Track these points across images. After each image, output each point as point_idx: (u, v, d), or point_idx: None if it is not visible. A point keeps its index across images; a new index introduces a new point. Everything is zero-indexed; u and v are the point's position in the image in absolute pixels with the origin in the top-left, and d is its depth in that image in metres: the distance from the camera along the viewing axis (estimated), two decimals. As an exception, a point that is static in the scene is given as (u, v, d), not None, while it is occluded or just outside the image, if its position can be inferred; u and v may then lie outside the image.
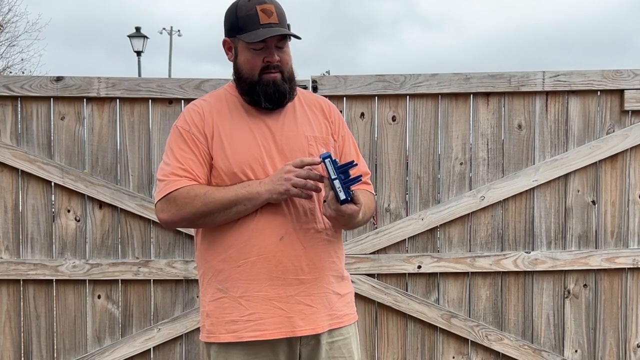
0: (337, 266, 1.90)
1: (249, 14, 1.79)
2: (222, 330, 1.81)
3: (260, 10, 1.78)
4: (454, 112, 2.97)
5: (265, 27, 1.77)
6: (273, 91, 1.82)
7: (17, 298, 2.93)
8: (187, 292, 2.95)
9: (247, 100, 1.86)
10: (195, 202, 1.76)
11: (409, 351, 2.98)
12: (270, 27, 1.78)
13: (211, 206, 1.75)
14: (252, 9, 1.79)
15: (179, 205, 1.77)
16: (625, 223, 2.99)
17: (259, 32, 1.77)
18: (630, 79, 2.94)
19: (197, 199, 1.76)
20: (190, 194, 1.77)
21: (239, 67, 1.85)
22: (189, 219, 1.80)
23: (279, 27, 1.79)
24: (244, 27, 1.79)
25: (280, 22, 1.80)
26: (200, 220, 1.80)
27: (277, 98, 1.83)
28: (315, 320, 1.82)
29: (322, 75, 2.98)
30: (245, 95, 1.86)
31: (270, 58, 1.80)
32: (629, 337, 3.01)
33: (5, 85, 2.87)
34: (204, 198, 1.75)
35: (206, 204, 1.75)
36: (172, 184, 1.78)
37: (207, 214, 1.77)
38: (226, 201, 1.75)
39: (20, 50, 16.83)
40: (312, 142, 1.88)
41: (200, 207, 1.76)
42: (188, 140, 1.82)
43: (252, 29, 1.78)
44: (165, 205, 1.80)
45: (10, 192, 2.91)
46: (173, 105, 2.93)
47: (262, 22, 1.78)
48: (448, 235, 2.98)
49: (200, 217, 1.78)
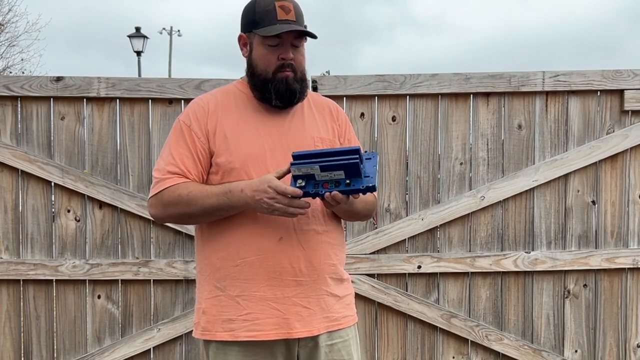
0: (337, 269, 1.89)
1: (267, 9, 1.79)
2: (219, 328, 1.81)
3: (278, 7, 1.78)
4: (454, 112, 2.97)
5: (282, 23, 1.77)
6: (285, 89, 1.81)
7: (17, 298, 2.93)
8: (187, 292, 2.95)
9: (258, 96, 1.86)
10: (179, 204, 1.78)
11: (409, 351, 2.98)
12: (288, 23, 1.78)
13: (194, 209, 1.77)
14: (271, 5, 1.79)
15: (165, 205, 1.81)
16: (625, 223, 2.99)
17: (276, 27, 1.77)
18: (630, 79, 2.94)
19: (180, 201, 1.77)
20: (175, 194, 1.78)
21: (253, 62, 1.85)
22: (173, 217, 1.86)
23: (296, 24, 1.79)
24: (261, 21, 1.79)
25: (297, 20, 1.80)
26: (185, 220, 1.86)
27: (288, 97, 1.83)
28: (311, 322, 1.82)
29: (322, 75, 2.98)
30: (256, 91, 1.86)
31: (285, 55, 1.80)
32: (629, 337, 3.01)
33: (5, 85, 2.87)
34: (187, 199, 1.76)
35: (189, 206, 1.77)
36: (162, 182, 1.81)
37: (190, 215, 1.80)
38: (207, 207, 1.76)
39: (20, 51, 16.81)
40: (318, 143, 1.88)
41: (183, 208, 1.78)
42: (187, 135, 1.83)
43: (269, 24, 1.78)
44: (154, 201, 1.84)
45: (10, 192, 2.91)
46: (173, 105, 2.93)
47: (279, 17, 1.78)
48: (448, 235, 2.98)
49: (185, 218, 1.83)
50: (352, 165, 1.64)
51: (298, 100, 1.87)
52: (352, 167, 1.64)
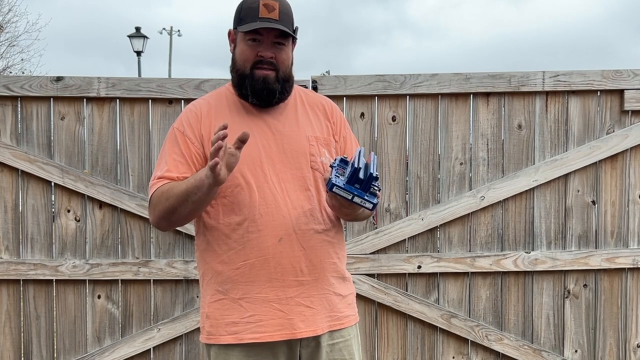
0: (338, 267, 1.89)
1: (251, 6, 1.80)
2: (222, 331, 1.81)
3: (262, 5, 1.79)
4: (454, 112, 2.97)
5: (263, 21, 1.78)
6: (261, 88, 1.81)
7: (17, 298, 2.93)
8: (187, 292, 2.95)
9: (237, 93, 1.86)
10: (162, 200, 1.76)
11: (409, 351, 2.98)
12: (269, 21, 1.78)
13: (172, 201, 1.73)
14: (255, 3, 1.80)
15: (154, 207, 1.80)
16: (625, 223, 2.99)
17: (254, 24, 1.77)
18: (630, 79, 2.94)
19: (162, 197, 1.76)
20: (159, 192, 1.77)
21: (235, 58, 1.87)
22: (162, 217, 1.79)
23: (278, 23, 1.79)
24: (244, 18, 1.81)
25: (281, 19, 1.80)
26: (172, 217, 1.77)
27: (265, 96, 1.82)
28: (315, 322, 1.81)
29: (322, 75, 2.98)
30: (236, 88, 1.86)
31: (263, 52, 1.80)
32: (629, 337, 3.01)
33: (5, 85, 2.87)
34: (167, 194, 1.75)
35: (168, 199, 1.74)
36: (151, 188, 1.80)
37: (172, 209, 1.75)
38: (180, 193, 1.71)
39: (20, 50, 16.85)
40: (313, 142, 1.87)
41: (165, 203, 1.75)
42: (181, 141, 1.82)
43: (250, 21, 1.79)
44: (149, 208, 1.83)
45: (10, 192, 2.91)
46: (173, 105, 2.93)
47: (261, 15, 1.78)
48: (448, 235, 2.98)
49: (170, 214, 1.76)
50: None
51: (278, 100, 1.85)
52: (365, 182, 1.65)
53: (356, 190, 1.64)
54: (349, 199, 1.64)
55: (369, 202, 1.64)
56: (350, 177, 1.63)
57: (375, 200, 1.65)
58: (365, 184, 1.64)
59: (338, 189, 1.63)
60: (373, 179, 1.63)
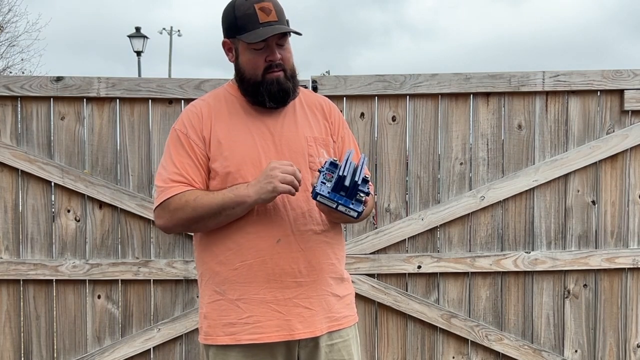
0: (337, 268, 1.89)
1: (247, 13, 1.77)
2: (220, 332, 1.80)
3: (258, 9, 1.76)
4: (454, 112, 2.97)
5: (265, 26, 1.76)
6: (277, 90, 1.81)
7: (17, 298, 2.93)
8: (187, 292, 2.95)
9: (251, 100, 1.85)
10: (186, 209, 1.75)
11: (409, 351, 2.98)
12: (270, 25, 1.76)
13: (200, 212, 1.74)
14: (250, 8, 1.77)
15: (172, 212, 1.78)
16: (625, 223, 2.99)
17: (259, 32, 1.75)
18: (630, 79, 2.94)
19: (187, 205, 1.75)
20: (182, 200, 1.76)
21: (241, 68, 1.84)
22: (181, 225, 1.81)
23: (278, 24, 1.78)
24: (244, 27, 1.77)
25: (279, 19, 1.79)
26: (193, 226, 1.81)
27: (281, 97, 1.82)
28: (313, 323, 1.81)
29: (322, 75, 2.98)
30: (248, 96, 1.85)
31: (272, 57, 1.79)
32: (629, 337, 3.01)
33: (5, 85, 2.87)
34: (194, 204, 1.75)
35: (195, 209, 1.74)
36: (167, 191, 1.79)
37: (197, 219, 1.77)
38: (214, 206, 1.74)
39: (20, 50, 16.77)
40: (311, 143, 1.87)
41: (191, 213, 1.75)
42: (185, 143, 1.82)
43: (252, 29, 1.76)
44: (161, 212, 1.81)
45: (10, 192, 2.91)
46: (173, 105, 2.93)
47: (261, 20, 1.76)
48: (448, 235, 2.98)
49: (193, 223, 1.79)
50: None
51: (291, 98, 1.86)
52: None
53: (341, 198, 1.64)
54: (334, 207, 1.65)
55: (353, 210, 1.65)
56: (335, 185, 1.64)
57: (360, 208, 1.66)
58: (350, 192, 1.64)
59: (322, 197, 1.65)
60: (359, 186, 1.63)
